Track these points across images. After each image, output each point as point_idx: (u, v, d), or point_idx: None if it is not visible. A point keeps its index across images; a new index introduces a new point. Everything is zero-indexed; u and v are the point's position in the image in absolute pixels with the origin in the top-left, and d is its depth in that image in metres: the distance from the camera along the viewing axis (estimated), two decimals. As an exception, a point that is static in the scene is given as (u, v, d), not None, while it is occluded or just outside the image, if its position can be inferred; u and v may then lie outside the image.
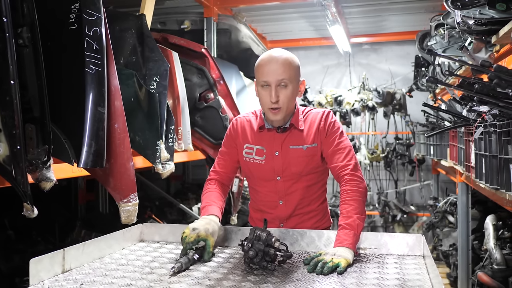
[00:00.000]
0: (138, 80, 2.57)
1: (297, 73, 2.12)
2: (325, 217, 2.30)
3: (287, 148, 2.15)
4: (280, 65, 2.05)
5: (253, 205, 2.35)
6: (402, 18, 6.18)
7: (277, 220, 2.22)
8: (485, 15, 2.36)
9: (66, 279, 1.63)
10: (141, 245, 2.14)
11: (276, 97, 2.05)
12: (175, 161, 2.88)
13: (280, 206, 2.21)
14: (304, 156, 2.14)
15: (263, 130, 2.21)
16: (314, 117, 2.20)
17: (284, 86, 2.06)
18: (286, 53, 2.11)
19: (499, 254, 3.40)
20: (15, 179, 1.70)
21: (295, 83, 2.11)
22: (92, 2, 1.99)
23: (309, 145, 2.15)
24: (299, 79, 2.15)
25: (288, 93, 2.07)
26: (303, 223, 2.22)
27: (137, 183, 2.26)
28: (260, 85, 2.09)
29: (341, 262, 1.72)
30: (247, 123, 2.27)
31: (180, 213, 5.73)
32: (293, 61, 2.10)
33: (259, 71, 2.09)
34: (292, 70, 2.08)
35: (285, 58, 2.08)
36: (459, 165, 3.86)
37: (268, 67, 2.06)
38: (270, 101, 2.06)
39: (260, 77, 2.08)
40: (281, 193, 2.19)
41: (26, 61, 1.75)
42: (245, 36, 5.02)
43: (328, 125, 2.16)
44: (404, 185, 7.38)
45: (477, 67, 2.25)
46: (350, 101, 6.96)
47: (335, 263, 1.72)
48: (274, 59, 2.07)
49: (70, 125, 1.98)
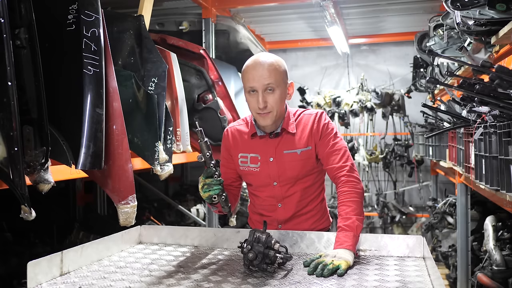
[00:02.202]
0: (136, 81, 2.56)
1: (284, 76, 2.08)
2: (324, 216, 2.29)
3: (281, 153, 2.14)
4: (265, 70, 2.02)
5: (252, 208, 2.34)
6: (400, 19, 6.17)
7: (276, 222, 2.21)
8: (485, 16, 2.35)
9: (64, 282, 1.62)
10: (139, 247, 2.13)
11: (264, 102, 2.02)
12: (173, 163, 2.86)
13: (279, 209, 2.20)
14: (299, 160, 2.13)
15: (255, 137, 2.19)
16: (307, 120, 2.17)
17: (271, 90, 2.03)
18: (271, 57, 2.08)
19: (499, 255, 3.40)
20: (12, 181, 1.69)
21: (283, 87, 2.07)
22: (90, 3, 1.97)
23: (303, 149, 2.13)
24: (287, 82, 2.11)
25: (276, 97, 2.04)
26: (302, 223, 2.21)
27: (135, 185, 2.24)
28: (247, 91, 2.07)
29: (341, 264, 1.71)
30: (237, 132, 2.25)
31: (178, 214, 5.73)
32: (279, 65, 2.07)
33: (245, 77, 2.06)
34: (278, 74, 2.04)
35: (270, 62, 2.04)
36: (459, 166, 3.85)
37: (254, 73, 2.03)
38: (258, 107, 2.04)
39: (247, 83, 2.05)
40: (279, 197, 2.18)
41: (24, 62, 1.74)
42: (243, 37, 5.01)
43: (322, 126, 2.14)
44: (403, 186, 7.37)
45: (478, 67, 2.24)
46: (349, 102, 6.95)
47: (335, 265, 1.71)
48: (258, 64, 2.04)
49: (68, 126, 1.97)
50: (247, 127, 2.23)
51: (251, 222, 2.36)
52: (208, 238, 2.15)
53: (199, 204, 5.70)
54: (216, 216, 4.41)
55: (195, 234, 2.18)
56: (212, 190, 1.92)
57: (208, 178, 1.91)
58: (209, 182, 1.91)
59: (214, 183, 1.90)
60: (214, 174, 1.90)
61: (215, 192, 1.92)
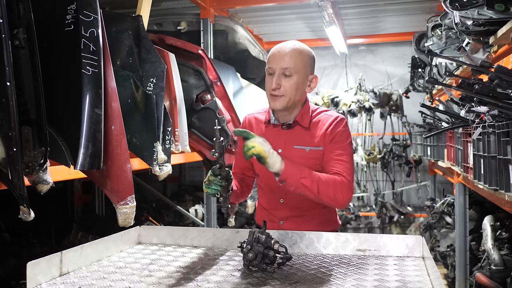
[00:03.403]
0: (135, 82, 2.56)
1: (306, 66, 2.06)
2: (331, 220, 2.24)
3: (291, 147, 2.11)
4: (286, 54, 2.03)
5: (259, 203, 2.33)
6: (398, 19, 6.18)
7: (277, 218, 2.20)
8: (484, 16, 2.35)
9: (64, 282, 1.61)
10: (139, 248, 2.12)
11: (277, 84, 2.02)
12: (172, 163, 2.86)
13: (282, 205, 2.18)
14: (307, 158, 2.08)
15: (269, 126, 2.18)
16: (326, 119, 2.12)
17: (289, 75, 2.03)
18: (298, 45, 2.08)
19: (497, 255, 3.41)
20: (11, 182, 1.68)
21: (302, 75, 2.06)
22: (89, 3, 1.97)
23: (313, 148, 2.09)
24: (309, 72, 2.09)
25: (291, 83, 2.03)
26: (305, 223, 2.15)
27: (133, 185, 2.24)
28: (267, 72, 2.08)
29: (255, 147, 1.83)
30: (254, 120, 2.25)
31: (177, 215, 5.72)
32: (303, 53, 2.06)
33: (268, 59, 2.08)
34: (299, 61, 2.04)
35: (295, 48, 2.05)
36: (457, 166, 3.85)
37: (275, 55, 2.05)
38: (271, 87, 2.04)
39: (267, 64, 2.08)
40: (282, 192, 2.15)
41: (23, 62, 1.74)
42: (242, 37, 5.01)
43: (338, 132, 2.08)
44: (401, 186, 7.38)
45: (478, 67, 2.25)
46: (347, 102, 6.96)
47: (249, 146, 1.82)
48: (283, 47, 2.06)
49: (66, 127, 1.96)
50: (265, 114, 2.22)
51: (257, 217, 2.35)
52: (207, 239, 2.15)
53: (197, 205, 5.70)
54: (214, 217, 4.41)
55: (194, 235, 2.17)
56: (210, 189, 1.91)
57: (212, 176, 1.90)
58: (212, 180, 1.90)
59: (215, 182, 1.89)
60: (219, 174, 1.89)
61: (212, 192, 1.91)
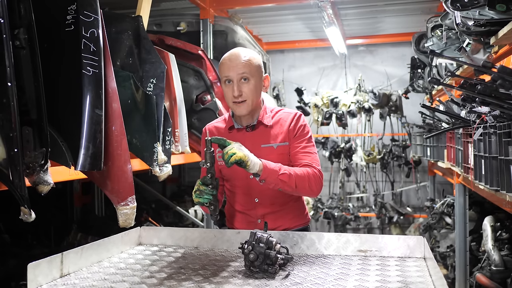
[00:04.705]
0: (135, 82, 2.55)
1: (259, 68, 2.18)
2: (302, 213, 2.34)
3: (258, 147, 2.18)
4: (240, 61, 2.13)
5: (229, 208, 2.36)
6: (398, 19, 6.19)
7: (254, 218, 2.24)
8: (485, 16, 2.35)
9: (65, 284, 1.61)
10: (139, 249, 2.12)
11: (239, 91, 2.12)
12: (172, 164, 2.85)
13: (257, 204, 2.23)
14: (276, 154, 2.18)
15: (233, 131, 2.26)
16: (286, 117, 2.25)
17: (246, 80, 2.13)
18: (247, 50, 2.20)
19: (497, 255, 3.41)
20: (12, 183, 1.68)
21: (257, 78, 2.17)
22: (89, 3, 1.97)
23: (280, 144, 2.20)
24: (262, 74, 2.21)
25: (251, 87, 2.14)
26: (281, 218, 2.24)
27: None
28: (224, 81, 2.17)
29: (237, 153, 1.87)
30: (215, 129, 2.32)
31: (176, 215, 5.71)
32: (253, 57, 2.18)
33: (222, 69, 2.17)
34: (253, 65, 2.15)
35: (244, 55, 2.16)
36: (457, 167, 3.85)
37: (229, 64, 2.15)
38: (233, 96, 2.12)
39: (222, 74, 2.16)
40: (256, 191, 2.21)
41: (23, 63, 1.73)
42: (241, 37, 5.01)
43: (299, 127, 2.21)
44: (401, 186, 7.38)
45: (480, 68, 2.25)
46: (346, 103, 6.95)
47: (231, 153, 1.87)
48: (234, 55, 2.17)
49: (67, 127, 1.96)
50: (225, 122, 2.30)
51: (228, 223, 2.38)
52: (208, 239, 2.15)
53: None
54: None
55: (195, 235, 2.17)
56: (202, 198, 1.97)
57: (203, 185, 1.96)
58: (202, 190, 1.96)
59: (207, 192, 1.96)
60: (210, 184, 1.95)
61: (204, 201, 1.97)
